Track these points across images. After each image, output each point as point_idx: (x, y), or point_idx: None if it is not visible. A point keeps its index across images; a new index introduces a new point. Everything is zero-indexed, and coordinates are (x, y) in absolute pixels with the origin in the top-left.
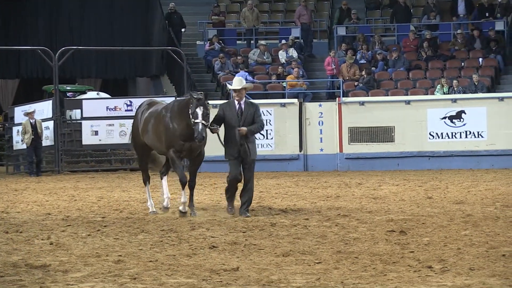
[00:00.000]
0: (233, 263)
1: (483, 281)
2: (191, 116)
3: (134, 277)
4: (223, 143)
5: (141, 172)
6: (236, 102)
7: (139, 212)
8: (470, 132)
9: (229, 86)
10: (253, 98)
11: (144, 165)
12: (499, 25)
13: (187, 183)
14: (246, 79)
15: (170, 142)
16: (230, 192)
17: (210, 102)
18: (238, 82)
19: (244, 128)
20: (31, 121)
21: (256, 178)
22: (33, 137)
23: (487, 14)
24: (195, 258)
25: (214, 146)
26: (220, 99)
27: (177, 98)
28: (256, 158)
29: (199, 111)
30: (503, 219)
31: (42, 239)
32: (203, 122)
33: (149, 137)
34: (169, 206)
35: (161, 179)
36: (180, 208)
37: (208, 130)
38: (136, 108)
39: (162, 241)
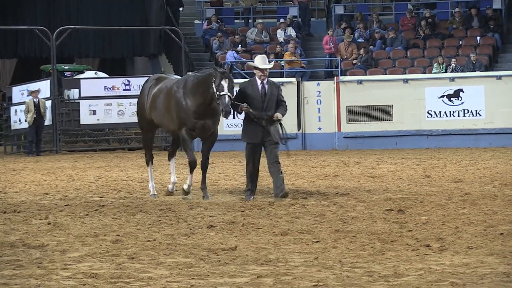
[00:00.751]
0: (231, 243)
1: (481, 260)
2: (215, 90)
3: (132, 257)
4: (243, 125)
5: (144, 151)
6: (259, 82)
7: (137, 192)
8: (468, 111)
9: (252, 64)
10: (250, 77)
11: (148, 143)
12: (497, 3)
13: (200, 164)
14: (234, 58)
15: (182, 120)
16: (250, 178)
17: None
18: (262, 60)
19: (280, 115)
20: (35, 100)
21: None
22: (35, 116)
23: None
24: (193, 238)
25: None
26: None
27: (190, 73)
28: (277, 141)
29: (225, 83)
30: (501, 198)
31: (40, 219)
32: (229, 94)
33: (158, 114)
34: (174, 190)
35: (169, 160)
36: (184, 186)
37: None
38: (142, 84)
39: (160, 220)
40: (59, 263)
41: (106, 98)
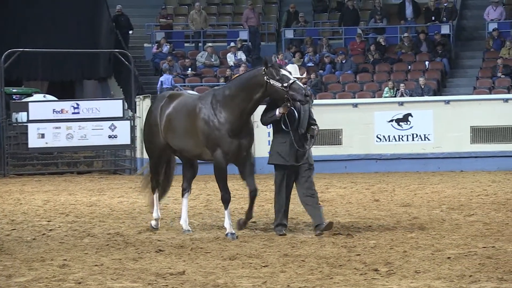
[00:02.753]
0: (179, 267)
1: (428, 284)
2: (279, 84)
3: (79, 282)
4: (272, 145)
5: (151, 177)
6: None
7: (85, 216)
8: (416, 135)
9: (286, 73)
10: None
11: (158, 169)
12: (445, 29)
13: (248, 192)
14: (171, 84)
15: (215, 140)
16: (283, 211)
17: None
18: (294, 69)
19: (315, 128)
20: None
21: (204, 181)
22: None
23: (433, 18)
24: (141, 262)
25: None
26: None
27: (216, 88)
28: (312, 163)
29: (285, 72)
30: (449, 222)
31: None
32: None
33: (177, 137)
34: (190, 229)
35: (182, 196)
36: (228, 235)
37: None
38: (155, 102)
39: (108, 245)
40: None
41: (54, 122)
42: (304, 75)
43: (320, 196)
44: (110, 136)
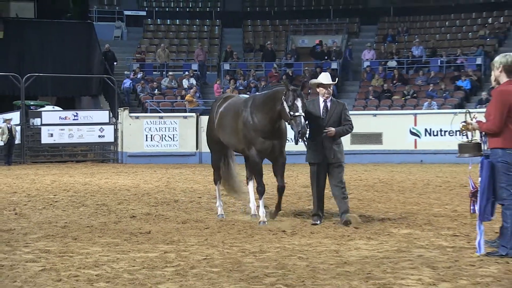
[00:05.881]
0: (146, 228)
1: (320, 241)
2: (287, 110)
3: (75, 238)
4: (307, 145)
5: (213, 170)
6: (322, 99)
7: (81, 191)
8: None
9: (314, 81)
10: (164, 112)
11: (217, 163)
12: (334, 65)
13: (277, 187)
14: (129, 85)
15: (250, 139)
16: (317, 203)
17: (135, 114)
18: (326, 76)
19: (332, 129)
20: (8, 125)
21: (165, 168)
22: (8, 137)
23: (326, 57)
24: (120, 225)
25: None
26: (140, 113)
27: (258, 93)
28: (342, 161)
29: (299, 103)
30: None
31: (9, 211)
32: (304, 115)
33: (225, 133)
34: (256, 213)
35: (247, 184)
36: (262, 218)
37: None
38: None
39: (96, 212)
40: (22, 242)
41: (60, 125)
42: (334, 82)
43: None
44: (99, 136)
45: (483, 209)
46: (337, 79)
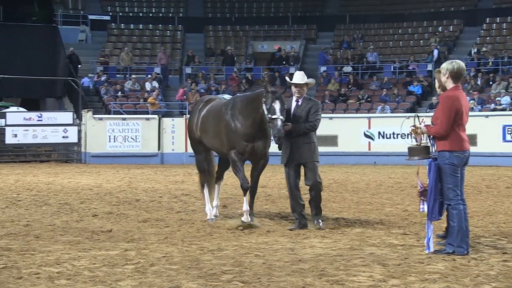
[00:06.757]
0: (108, 227)
1: (276, 239)
2: (266, 112)
3: (37, 236)
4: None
5: (198, 173)
6: (294, 99)
7: (44, 191)
8: None
9: (289, 80)
10: (127, 114)
11: (202, 165)
12: (292, 70)
13: (249, 189)
14: (88, 82)
15: (232, 143)
16: (291, 204)
17: (99, 115)
18: (300, 76)
19: (289, 125)
20: None
21: (127, 168)
22: None
23: (284, 62)
24: (82, 223)
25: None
26: (103, 115)
27: (239, 94)
28: (315, 160)
29: (277, 105)
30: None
31: None
32: (282, 117)
33: (208, 136)
34: (212, 218)
35: (216, 183)
36: (243, 218)
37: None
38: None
39: (59, 211)
40: None
41: (24, 126)
42: (303, 81)
43: None
44: (63, 137)
45: (431, 210)
46: (309, 80)
